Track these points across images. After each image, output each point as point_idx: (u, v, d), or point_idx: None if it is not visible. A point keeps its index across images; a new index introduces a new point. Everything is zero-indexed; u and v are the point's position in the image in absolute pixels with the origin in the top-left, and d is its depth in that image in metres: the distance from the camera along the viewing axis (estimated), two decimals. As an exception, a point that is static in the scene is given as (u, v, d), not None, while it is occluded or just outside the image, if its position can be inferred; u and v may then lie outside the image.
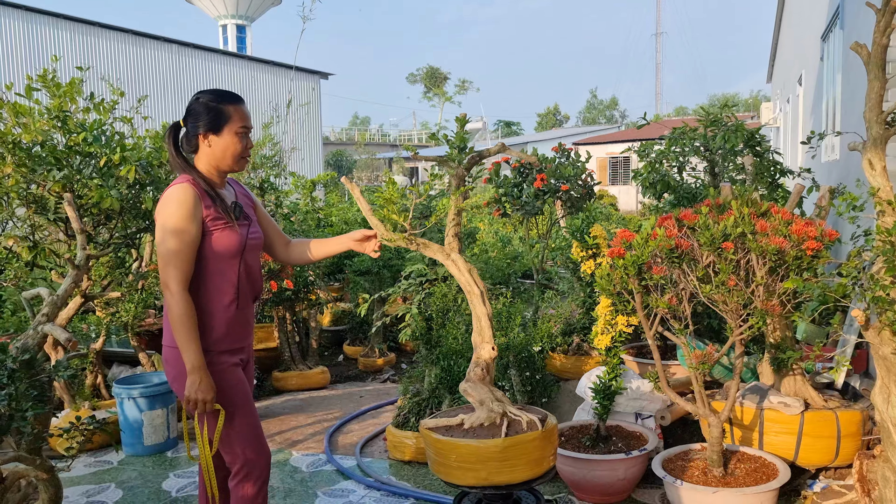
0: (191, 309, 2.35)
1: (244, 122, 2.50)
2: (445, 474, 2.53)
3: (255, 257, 2.60)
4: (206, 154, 2.48)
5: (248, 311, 2.59)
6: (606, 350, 3.72)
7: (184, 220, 2.35)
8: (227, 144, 2.47)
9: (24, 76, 4.23)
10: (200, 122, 2.46)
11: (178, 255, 2.34)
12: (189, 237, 2.36)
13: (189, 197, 2.37)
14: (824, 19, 8.33)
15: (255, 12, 44.26)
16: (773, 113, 17.77)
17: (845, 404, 3.44)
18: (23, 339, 2.83)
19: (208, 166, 2.50)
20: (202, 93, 2.53)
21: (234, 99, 2.52)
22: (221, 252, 2.44)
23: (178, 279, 2.34)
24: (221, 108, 2.46)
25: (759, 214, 2.99)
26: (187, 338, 2.33)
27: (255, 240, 2.58)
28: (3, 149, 4.03)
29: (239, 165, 2.52)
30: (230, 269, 2.47)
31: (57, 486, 2.55)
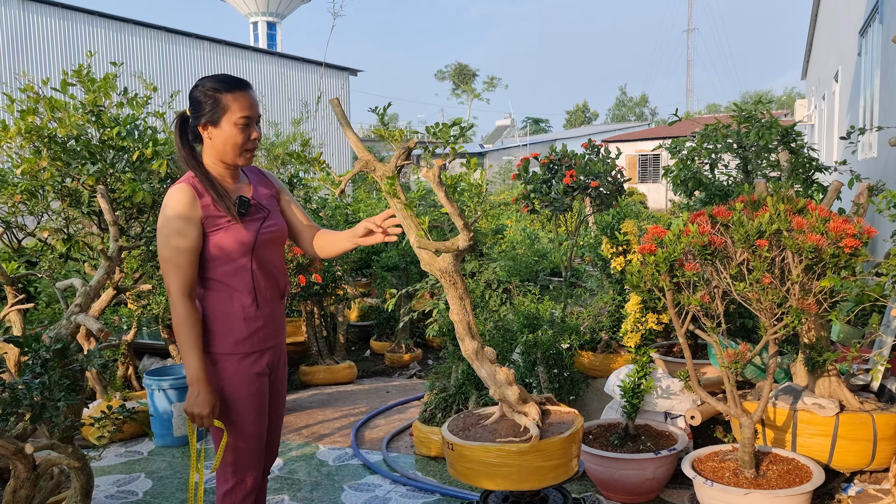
0: (193, 317, 2.22)
1: (245, 111, 2.28)
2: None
3: (273, 252, 2.42)
4: (209, 146, 2.32)
5: (274, 310, 2.42)
6: (636, 348, 3.68)
7: (182, 221, 2.22)
8: (227, 137, 2.27)
9: (61, 72, 4.29)
10: (199, 112, 2.29)
11: (176, 260, 2.21)
12: (186, 242, 2.22)
13: (184, 199, 2.24)
14: (863, 13, 8.15)
15: (285, 9, 44.60)
16: (807, 110, 17.45)
17: (882, 407, 3.36)
18: (56, 329, 2.88)
19: (212, 159, 2.34)
20: (202, 80, 2.33)
21: (234, 85, 2.30)
22: (227, 252, 2.29)
23: (178, 285, 2.21)
24: (219, 98, 2.26)
25: (795, 211, 2.92)
26: (187, 347, 2.21)
27: (270, 233, 2.39)
28: (39, 143, 4.10)
29: (242, 159, 2.33)
30: (241, 269, 2.31)
31: (88, 475, 2.59)
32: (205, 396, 2.20)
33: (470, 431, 2.64)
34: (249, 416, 2.33)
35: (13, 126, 4.05)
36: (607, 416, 4.02)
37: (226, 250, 2.28)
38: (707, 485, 3.04)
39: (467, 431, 2.64)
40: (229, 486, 2.37)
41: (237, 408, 2.31)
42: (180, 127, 2.36)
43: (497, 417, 2.69)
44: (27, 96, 4.15)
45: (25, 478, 2.25)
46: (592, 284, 5.31)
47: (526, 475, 2.48)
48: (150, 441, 4.66)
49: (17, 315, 3.82)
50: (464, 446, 2.52)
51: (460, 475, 2.58)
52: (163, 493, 3.84)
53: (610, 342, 4.64)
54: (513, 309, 4.62)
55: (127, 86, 4.58)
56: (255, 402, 2.35)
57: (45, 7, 19.21)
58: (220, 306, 2.30)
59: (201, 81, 2.33)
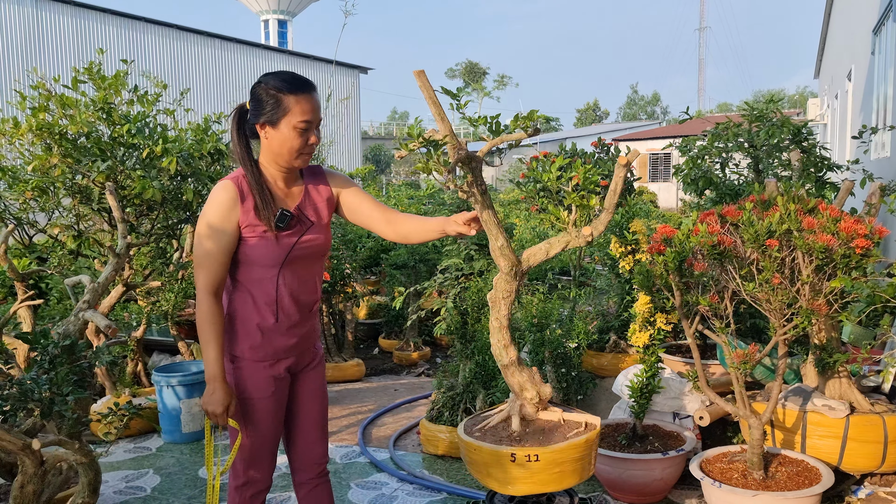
0: (215, 315, 2.21)
1: (305, 115, 2.20)
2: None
3: (306, 266, 2.35)
4: (265, 146, 2.25)
5: (298, 322, 2.35)
6: (644, 348, 3.66)
7: (217, 221, 2.19)
8: (285, 139, 2.20)
9: (72, 69, 4.32)
10: (259, 111, 2.21)
11: (207, 257, 2.19)
12: (221, 241, 2.19)
13: (227, 198, 2.20)
14: (876, 12, 8.07)
15: (296, 7, 44.69)
16: (820, 109, 17.32)
17: (893, 409, 3.33)
18: (64, 325, 2.89)
19: (267, 159, 2.27)
20: (266, 77, 2.26)
21: (298, 87, 2.21)
22: (256, 262, 2.25)
23: (205, 282, 2.19)
24: (280, 98, 2.18)
25: (805, 211, 2.90)
26: (206, 344, 2.20)
27: (306, 248, 2.32)
28: (50, 140, 4.13)
29: (299, 162, 2.26)
30: (267, 280, 2.27)
31: (96, 471, 2.60)
32: (220, 395, 2.20)
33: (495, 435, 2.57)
34: (263, 417, 2.34)
35: (24, 123, 4.07)
36: (615, 415, 4.00)
37: (255, 259, 2.25)
38: (715, 486, 3.02)
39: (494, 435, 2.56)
40: (240, 482, 2.40)
41: (251, 408, 2.32)
42: (238, 121, 2.28)
43: (503, 419, 2.63)
44: (39, 93, 4.17)
45: (33, 473, 2.27)
46: (602, 283, 5.29)
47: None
48: (158, 437, 4.68)
49: (28, 311, 3.85)
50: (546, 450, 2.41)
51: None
52: (171, 490, 3.86)
53: (618, 342, 4.62)
54: (521, 308, 4.60)
55: (137, 83, 4.60)
56: (270, 404, 2.35)
57: (59, 5, 19.34)
58: (241, 309, 2.29)
59: (265, 78, 2.25)
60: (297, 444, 2.54)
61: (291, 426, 2.53)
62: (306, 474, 2.57)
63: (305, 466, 2.56)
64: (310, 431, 2.55)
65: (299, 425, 2.53)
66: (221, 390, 2.20)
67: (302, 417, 2.53)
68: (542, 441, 2.43)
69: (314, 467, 2.57)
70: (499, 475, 2.37)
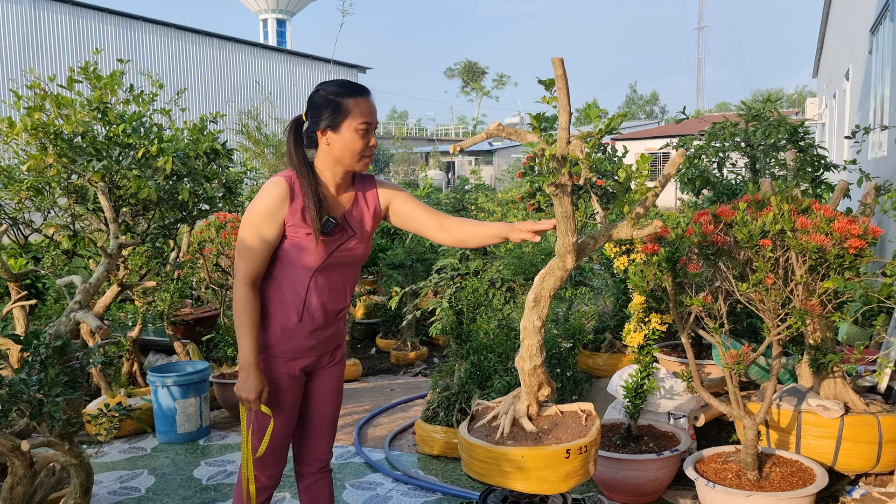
0: (251, 304, 2.26)
1: (366, 117, 2.26)
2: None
3: (341, 273, 2.39)
4: (325, 152, 2.29)
5: (321, 326, 2.39)
6: (639, 348, 3.65)
7: (263, 217, 2.24)
8: (347, 142, 2.25)
9: (68, 69, 4.31)
10: (319, 117, 2.26)
11: (249, 249, 2.25)
12: (265, 235, 2.25)
13: (277, 194, 2.24)
14: (874, 11, 8.07)
15: (295, 7, 44.67)
16: (818, 108, 17.33)
17: (888, 409, 3.33)
18: (56, 326, 2.89)
19: (325, 165, 2.32)
20: (323, 84, 2.32)
21: (356, 91, 2.28)
22: (295, 260, 2.30)
23: (244, 272, 2.26)
24: (340, 102, 2.24)
25: (799, 211, 2.89)
26: (242, 332, 2.26)
27: (344, 256, 2.36)
28: (46, 139, 4.11)
29: (360, 165, 2.31)
30: (300, 280, 2.32)
31: (88, 472, 2.59)
32: (253, 381, 2.25)
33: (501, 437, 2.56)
34: (275, 413, 2.38)
35: (20, 123, 4.06)
36: (610, 416, 4.00)
37: (292, 259, 2.30)
38: (709, 486, 3.02)
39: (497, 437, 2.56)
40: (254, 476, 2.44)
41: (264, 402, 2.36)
42: (294, 132, 2.33)
43: (510, 422, 2.61)
44: (34, 93, 4.16)
45: (23, 475, 2.26)
46: (598, 283, 5.29)
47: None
48: (153, 437, 4.67)
49: (21, 311, 3.84)
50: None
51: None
52: (165, 490, 3.85)
53: (614, 342, 4.62)
54: (517, 308, 4.60)
55: (135, 83, 4.58)
56: (281, 400, 2.39)
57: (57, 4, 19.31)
58: (268, 304, 2.35)
59: (322, 86, 2.31)
60: (306, 438, 2.59)
61: (303, 420, 2.56)
62: (309, 468, 2.62)
63: (310, 460, 2.61)
64: (320, 427, 2.59)
65: (311, 420, 2.57)
66: (255, 377, 2.26)
67: (314, 413, 2.57)
68: (574, 433, 2.47)
69: (318, 462, 2.62)
70: (552, 475, 2.37)
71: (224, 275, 5.48)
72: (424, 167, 32.45)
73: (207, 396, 4.77)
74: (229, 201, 4.85)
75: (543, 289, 2.43)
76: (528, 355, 2.47)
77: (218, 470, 4.12)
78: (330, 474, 2.67)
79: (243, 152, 9.02)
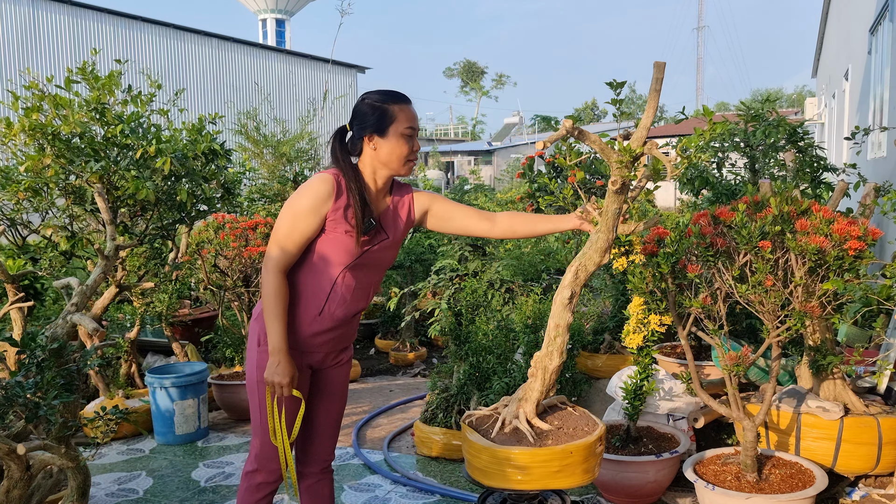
0: (283, 291, 2.31)
1: (411, 122, 2.37)
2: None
3: (368, 275, 2.45)
4: (371, 157, 2.37)
5: (337, 324, 2.44)
6: (638, 349, 3.64)
7: (307, 210, 2.29)
8: (393, 147, 2.35)
9: (66, 69, 4.30)
10: (366, 123, 2.35)
11: (287, 238, 2.30)
12: (305, 228, 2.30)
13: (324, 189, 2.30)
14: (873, 12, 8.07)
15: (294, 7, 44.64)
16: (817, 109, 17.33)
17: (887, 410, 3.32)
18: (52, 328, 2.88)
19: (372, 170, 2.39)
20: (368, 93, 2.42)
21: (400, 98, 2.39)
22: (327, 255, 2.36)
23: (277, 260, 2.30)
24: (386, 109, 2.35)
25: (799, 212, 2.89)
26: (273, 317, 2.29)
27: (374, 259, 2.43)
28: (44, 140, 4.10)
29: (405, 169, 2.40)
30: (328, 275, 2.37)
31: (85, 475, 2.59)
32: (285, 366, 2.29)
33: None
34: (286, 399, 2.40)
35: (17, 123, 4.05)
36: (609, 417, 3.99)
37: (326, 254, 2.36)
38: (709, 488, 3.01)
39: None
40: (251, 468, 2.50)
41: (265, 393, 2.38)
42: (340, 140, 2.42)
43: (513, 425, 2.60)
44: (32, 93, 4.15)
45: (19, 478, 2.25)
46: (597, 284, 5.28)
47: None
48: (151, 439, 4.66)
49: (18, 313, 3.83)
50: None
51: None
52: (163, 492, 3.84)
53: (613, 343, 4.61)
54: (516, 309, 4.59)
55: (133, 83, 4.57)
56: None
57: (55, 4, 19.29)
58: (292, 294, 2.37)
59: (367, 95, 2.41)
60: (309, 438, 2.60)
61: (307, 420, 2.57)
62: (311, 467, 2.64)
63: (312, 460, 2.63)
64: (324, 427, 2.62)
65: (316, 420, 2.59)
66: (286, 362, 2.30)
67: (319, 413, 2.59)
68: (583, 429, 2.54)
69: (320, 462, 2.65)
70: (579, 470, 2.42)
71: (222, 276, 5.47)
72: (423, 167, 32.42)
73: (206, 398, 4.76)
74: (228, 202, 4.84)
75: (577, 284, 2.50)
76: (559, 353, 2.52)
77: (216, 472, 4.11)
78: (331, 475, 2.70)
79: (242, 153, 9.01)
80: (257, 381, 2.42)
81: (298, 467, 2.64)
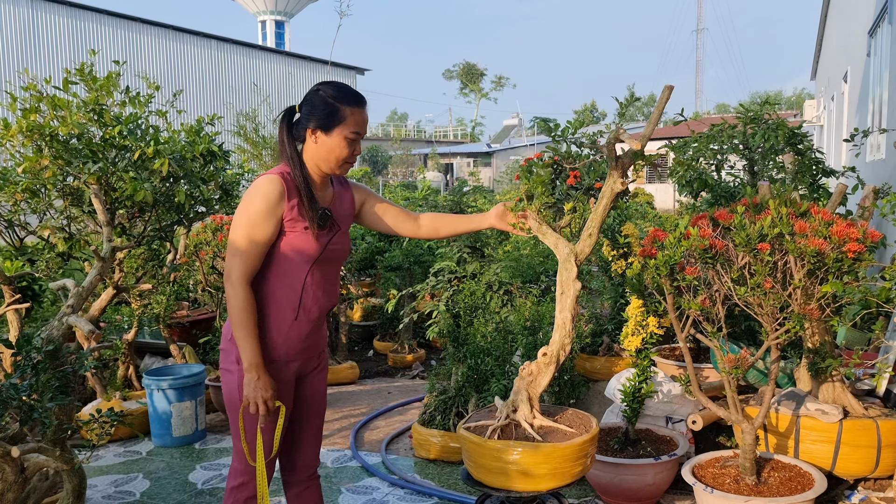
0: (251, 303, 2.24)
1: (359, 126, 2.33)
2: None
3: (331, 269, 2.44)
4: (311, 149, 2.33)
5: (313, 325, 2.40)
6: (637, 352, 3.64)
7: (262, 215, 2.24)
8: (333, 147, 2.30)
9: (64, 70, 4.29)
10: (313, 115, 2.31)
11: (246, 248, 2.24)
12: (263, 233, 2.25)
13: (274, 192, 2.25)
14: (872, 13, 8.07)
15: (293, 8, 44.66)
16: (816, 111, 17.33)
17: (887, 413, 3.31)
18: (48, 331, 2.86)
19: (310, 162, 2.36)
20: (324, 85, 2.36)
21: (355, 100, 2.34)
22: (292, 256, 2.31)
23: (241, 272, 2.23)
24: (338, 108, 2.29)
25: (798, 214, 2.88)
26: (245, 333, 2.22)
27: (334, 251, 2.41)
28: (41, 141, 4.09)
29: (341, 170, 2.37)
30: (296, 276, 2.32)
31: (81, 477, 2.57)
32: (265, 380, 2.23)
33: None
34: (265, 422, 2.33)
35: (15, 124, 4.04)
36: (608, 420, 3.98)
37: (291, 254, 2.31)
38: (707, 491, 3.00)
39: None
40: (237, 483, 2.41)
41: (250, 412, 2.30)
42: (287, 122, 2.37)
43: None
44: (30, 95, 4.14)
45: (13, 481, 2.24)
46: (596, 285, 5.27)
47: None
48: (148, 441, 4.65)
49: (14, 315, 3.81)
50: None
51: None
52: (160, 494, 3.83)
53: (612, 345, 4.60)
54: (514, 311, 4.58)
55: (132, 85, 4.56)
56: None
57: (54, 5, 19.29)
58: (262, 304, 2.32)
59: (323, 86, 2.35)
60: (293, 446, 2.56)
61: (291, 430, 2.53)
62: (297, 476, 2.59)
63: (298, 468, 2.58)
64: (307, 434, 2.58)
65: (300, 427, 2.55)
66: (266, 375, 2.24)
67: (302, 420, 2.55)
68: (578, 426, 2.60)
69: (306, 469, 2.59)
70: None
71: (220, 277, 5.46)
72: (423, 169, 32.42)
73: (203, 400, 4.75)
74: (226, 203, 4.83)
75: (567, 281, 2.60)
76: (562, 351, 2.58)
77: (213, 474, 4.10)
78: (318, 480, 2.64)
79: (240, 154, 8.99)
80: (237, 399, 2.33)
81: (284, 476, 2.59)
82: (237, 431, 2.35)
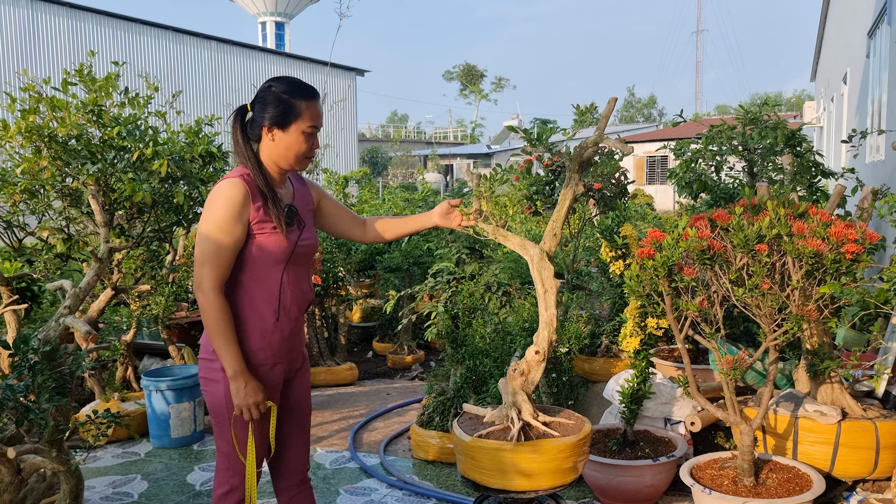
0: (226, 312, 2.19)
1: (314, 120, 2.30)
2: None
3: (303, 266, 2.41)
4: (268, 147, 2.29)
5: (294, 324, 2.38)
6: (635, 353, 3.63)
7: (228, 220, 2.18)
8: (292, 143, 2.27)
9: (63, 71, 4.29)
10: (267, 113, 2.26)
11: (216, 255, 2.18)
12: (231, 238, 2.19)
13: (238, 195, 2.20)
14: (871, 15, 8.07)
15: (293, 9, 44.67)
16: (816, 112, 17.34)
17: (885, 414, 3.31)
18: (45, 331, 2.86)
19: (268, 160, 2.31)
20: (275, 80, 2.32)
21: (308, 93, 2.30)
22: (264, 257, 2.27)
23: (212, 280, 2.18)
24: (293, 103, 2.26)
25: (796, 216, 2.88)
26: (224, 342, 2.18)
27: (305, 247, 2.38)
28: (40, 142, 4.09)
29: (300, 165, 2.34)
30: (272, 277, 2.29)
31: (78, 478, 2.57)
32: (252, 385, 2.21)
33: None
34: (254, 427, 2.30)
35: (14, 125, 4.04)
36: (606, 421, 3.98)
37: (263, 256, 2.27)
38: (705, 493, 3.00)
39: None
40: (224, 489, 2.36)
41: (240, 417, 2.27)
42: (241, 122, 2.33)
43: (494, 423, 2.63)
44: (29, 95, 4.14)
45: (9, 482, 2.23)
46: (594, 287, 5.26)
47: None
48: (147, 442, 4.64)
49: (12, 316, 3.81)
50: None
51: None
52: (158, 496, 3.82)
53: (610, 346, 4.60)
54: (513, 312, 4.58)
55: (132, 85, 4.56)
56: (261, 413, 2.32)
57: (53, 6, 19.29)
58: (239, 311, 2.28)
59: (275, 83, 2.31)
60: (283, 450, 2.53)
61: (278, 432, 2.50)
62: (288, 480, 2.55)
63: (289, 473, 2.55)
64: (296, 437, 2.54)
65: (286, 431, 2.52)
66: (252, 380, 2.21)
67: (289, 423, 2.51)
68: (571, 426, 2.63)
69: (297, 473, 2.56)
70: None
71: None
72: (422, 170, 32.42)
73: (202, 401, 4.74)
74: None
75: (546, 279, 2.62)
76: (551, 345, 2.63)
77: (212, 475, 4.09)
78: (310, 484, 2.61)
79: (240, 155, 9.01)
80: (227, 407, 2.28)
81: (275, 483, 2.55)
82: (226, 440, 2.31)
